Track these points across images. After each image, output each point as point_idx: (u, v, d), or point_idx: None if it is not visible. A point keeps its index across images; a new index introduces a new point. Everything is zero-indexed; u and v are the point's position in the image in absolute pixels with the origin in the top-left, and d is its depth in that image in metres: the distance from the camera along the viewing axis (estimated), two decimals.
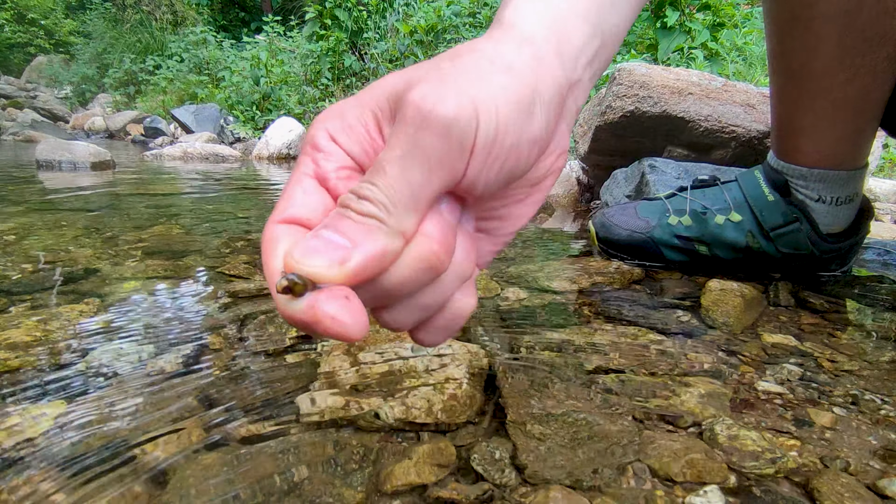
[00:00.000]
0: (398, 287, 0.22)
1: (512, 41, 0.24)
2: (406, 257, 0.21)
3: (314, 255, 0.20)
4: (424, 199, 0.21)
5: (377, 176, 0.21)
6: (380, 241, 0.20)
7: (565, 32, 0.26)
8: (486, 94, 0.21)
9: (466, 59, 0.23)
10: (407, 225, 0.21)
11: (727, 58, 2.87)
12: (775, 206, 0.69)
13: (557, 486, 0.31)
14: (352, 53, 4.45)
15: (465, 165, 0.21)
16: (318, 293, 0.19)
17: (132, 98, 7.24)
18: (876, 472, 0.33)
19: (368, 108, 0.23)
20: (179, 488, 0.30)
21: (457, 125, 0.20)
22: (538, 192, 0.27)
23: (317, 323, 0.19)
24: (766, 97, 1.13)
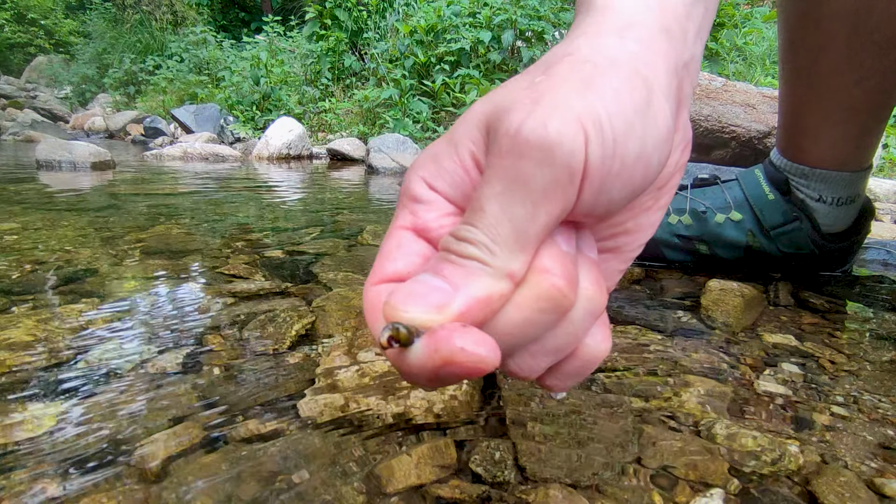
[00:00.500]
0: (520, 331, 0.19)
1: (611, 29, 0.21)
2: (523, 298, 0.19)
3: (413, 300, 0.18)
4: (532, 235, 0.19)
5: (476, 216, 0.19)
6: (484, 284, 0.18)
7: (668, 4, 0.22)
8: (591, 104, 0.18)
9: (562, 67, 0.20)
10: (514, 265, 0.19)
11: (727, 58, 2.87)
12: (776, 204, 0.69)
13: (557, 485, 0.31)
14: (352, 53, 4.46)
15: (577, 192, 0.18)
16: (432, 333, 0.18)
17: (132, 98, 7.24)
18: (876, 472, 0.33)
19: (462, 145, 0.21)
20: (178, 488, 0.30)
21: (560, 150, 0.18)
22: (665, 194, 0.24)
23: (448, 363, 0.17)
24: (765, 97, 1.13)
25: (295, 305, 0.58)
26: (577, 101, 0.18)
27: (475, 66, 3.35)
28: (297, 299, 0.61)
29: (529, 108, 0.18)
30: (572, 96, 0.18)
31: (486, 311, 0.19)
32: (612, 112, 0.18)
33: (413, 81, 3.47)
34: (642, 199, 0.23)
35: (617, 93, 0.19)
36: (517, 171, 0.18)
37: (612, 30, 0.21)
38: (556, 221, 0.19)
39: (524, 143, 0.18)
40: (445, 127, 3.12)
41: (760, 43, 3.10)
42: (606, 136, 0.18)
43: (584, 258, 0.21)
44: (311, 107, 4.08)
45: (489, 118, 0.20)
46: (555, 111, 0.18)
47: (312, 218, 1.16)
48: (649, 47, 0.21)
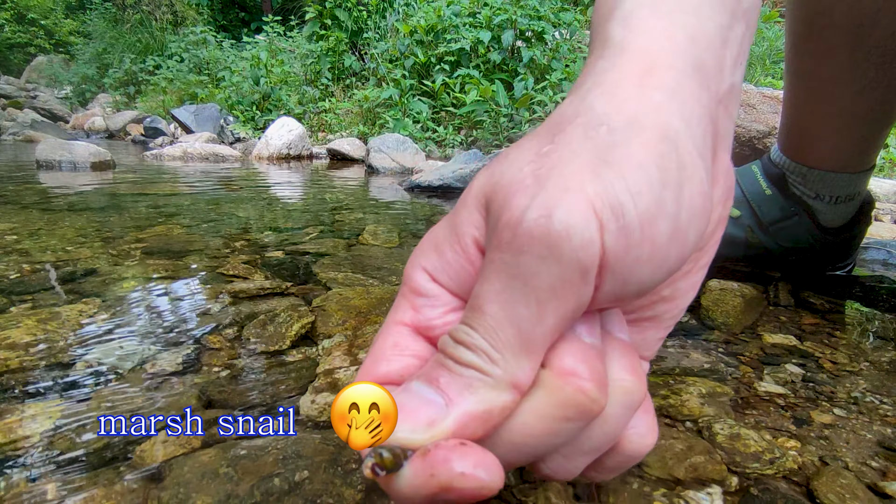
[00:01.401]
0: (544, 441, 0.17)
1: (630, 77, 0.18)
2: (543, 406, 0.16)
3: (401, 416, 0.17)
4: (539, 339, 0.16)
5: (475, 316, 0.17)
6: (482, 397, 0.16)
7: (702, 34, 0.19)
8: (609, 185, 0.16)
9: (573, 134, 0.17)
10: (519, 374, 0.16)
11: None
12: (773, 200, 0.69)
13: (557, 485, 0.31)
14: (352, 53, 4.46)
15: (592, 288, 0.16)
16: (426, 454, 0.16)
17: (132, 98, 7.24)
18: (876, 472, 0.33)
19: (464, 231, 0.19)
20: (178, 487, 0.30)
21: (569, 244, 0.15)
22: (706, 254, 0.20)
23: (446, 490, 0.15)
24: (765, 97, 1.13)
25: (295, 305, 0.58)
26: (590, 182, 0.16)
27: (475, 66, 3.35)
28: (297, 299, 0.61)
29: (533, 191, 0.16)
30: (585, 175, 0.16)
31: (485, 427, 0.16)
32: (634, 192, 0.16)
33: (413, 81, 3.47)
34: None
35: (641, 167, 0.16)
36: (519, 268, 0.16)
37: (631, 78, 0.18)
38: (570, 321, 0.17)
39: (526, 235, 0.15)
40: (445, 127, 3.12)
41: (760, 43, 3.10)
42: (630, 222, 0.15)
43: (615, 342, 0.19)
44: (311, 107, 4.08)
45: (489, 199, 0.18)
46: (563, 196, 0.15)
47: (312, 218, 1.16)
48: (677, 95, 0.18)
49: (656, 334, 0.21)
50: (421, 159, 2.51)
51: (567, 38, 3.32)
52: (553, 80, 2.82)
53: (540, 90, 2.86)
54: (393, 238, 0.94)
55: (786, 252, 0.71)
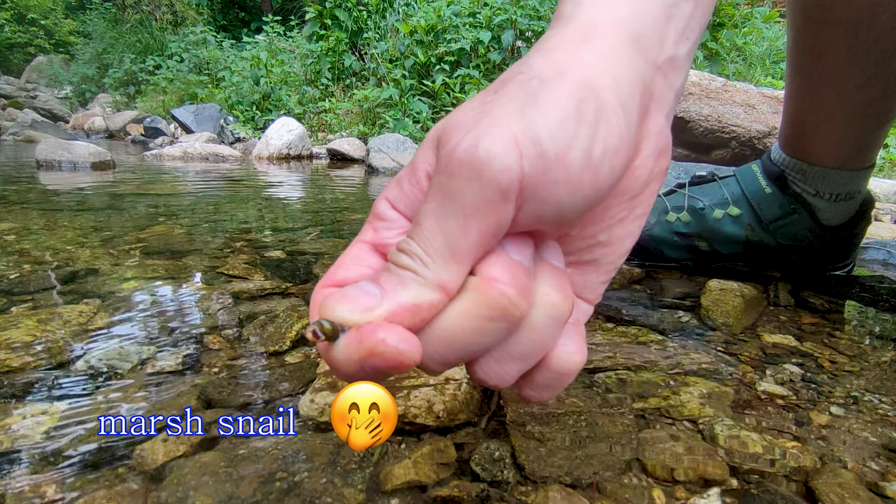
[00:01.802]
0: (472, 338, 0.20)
1: (567, 43, 0.21)
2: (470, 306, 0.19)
3: (344, 301, 0.19)
4: (464, 248, 0.19)
5: (415, 230, 0.20)
6: (412, 293, 0.19)
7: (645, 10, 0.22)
8: (530, 121, 0.19)
9: (511, 86, 0.20)
10: (445, 277, 0.19)
11: (727, 58, 2.87)
12: (773, 198, 0.69)
13: (557, 485, 0.31)
14: (352, 53, 4.46)
15: (513, 207, 0.19)
16: (359, 328, 0.19)
17: (132, 98, 7.24)
18: (876, 472, 0.33)
19: (419, 166, 0.22)
20: (178, 488, 0.30)
21: (490, 167, 0.18)
22: (641, 204, 0.23)
23: (371, 355, 0.18)
24: (766, 97, 1.13)
25: (295, 305, 0.58)
26: (515, 120, 0.19)
27: (475, 66, 3.35)
28: (297, 299, 0.61)
29: (468, 128, 0.19)
30: (511, 115, 0.19)
31: (414, 319, 0.19)
32: (552, 125, 0.18)
33: (413, 81, 3.47)
34: (612, 211, 0.22)
35: (560, 106, 0.19)
36: (450, 189, 0.19)
37: (569, 42, 0.21)
38: (493, 235, 0.19)
39: (457, 162, 0.18)
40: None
41: (760, 43, 3.10)
42: (546, 150, 0.18)
43: (547, 266, 0.21)
44: (311, 107, 4.08)
45: (439, 139, 0.21)
46: (490, 131, 0.18)
47: (312, 218, 1.16)
48: (608, 57, 0.21)
49: (598, 278, 0.24)
50: None
51: None
52: None
53: None
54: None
55: (786, 251, 0.71)
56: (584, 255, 0.23)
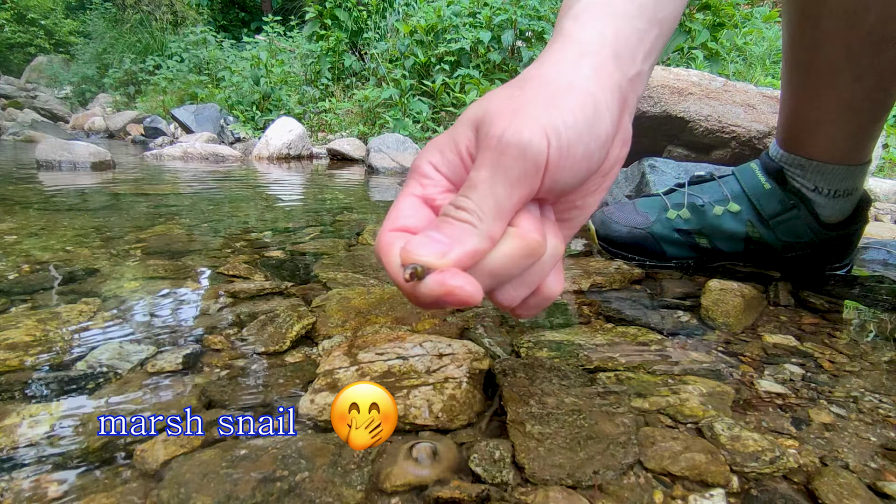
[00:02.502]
0: (508, 272, 0.27)
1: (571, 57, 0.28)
2: (512, 249, 0.26)
3: (423, 247, 0.25)
4: (508, 209, 0.26)
5: (470, 191, 0.26)
6: (472, 241, 0.25)
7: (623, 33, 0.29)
8: (553, 118, 0.25)
9: (533, 86, 0.27)
10: (495, 229, 0.26)
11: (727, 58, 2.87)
12: (772, 193, 0.69)
13: (557, 486, 0.31)
14: (352, 53, 4.45)
15: (540, 180, 0.26)
16: (440, 272, 0.24)
17: (132, 98, 7.23)
18: (876, 472, 0.33)
19: (460, 140, 0.28)
20: (178, 487, 0.30)
21: (530, 150, 0.25)
22: (608, 180, 0.31)
23: (448, 293, 0.24)
24: (766, 97, 1.13)
25: (295, 305, 0.58)
26: (543, 116, 0.25)
27: (475, 66, 3.35)
28: (297, 299, 0.61)
29: (510, 119, 0.25)
30: (541, 111, 0.26)
31: (472, 261, 0.25)
32: (567, 123, 0.26)
33: (413, 81, 3.47)
34: (589, 185, 0.30)
35: (572, 110, 0.26)
36: (500, 163, 0.25)
37: (572, 57, 0.28)
38: (527, 199, 0.26)
39: (506, 144, 0.25)
40: (445, 127, 3.12)
41: (760, 43, 3.10)
42: (562, 142, 0.25)
43: (549, 222, 0.29)
44: (311, 107, 4.08)
45: (479, 122, 0.27)
46: (527, 123, 0.25)
47: (312, 218, 1.16)
48: (599, 71, 0.28)
49: (569, 232, 0.32)
50: None
51: None
52: None
53: None
54: None
55: (786, 247, 0.71)
56: (564, 214, 0.31)
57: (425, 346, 0.48)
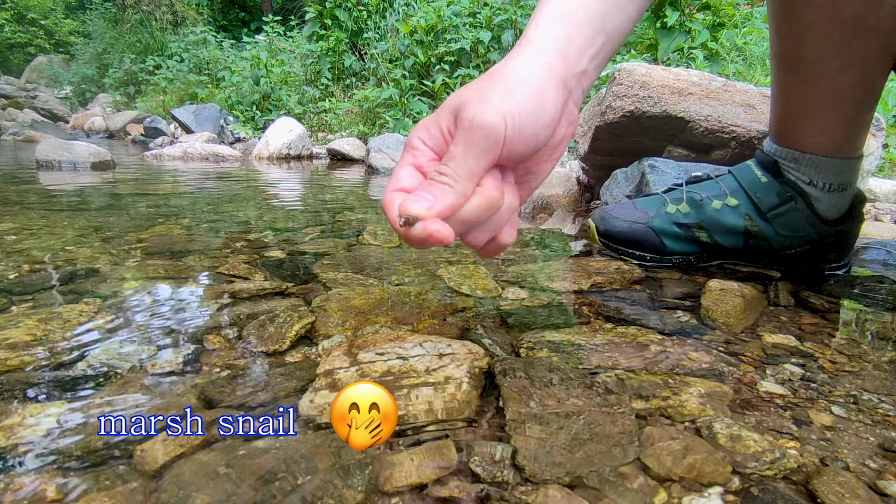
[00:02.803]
0: (476, 219, 0.37)
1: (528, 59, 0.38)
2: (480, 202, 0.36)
3: (415, 203, 0.35)
4: (477, 173, 0.36)
5: (449, 161, 0.36)
6: (450, 198, 0.35)
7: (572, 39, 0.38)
8: (510, 106, 0.35)
9: (497, 80, 0.37)
10: (467, 189, 0.36)
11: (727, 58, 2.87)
12: (769, 186, 0.70)
13: (557, 486, 0.31)
14: (352, 53, 4.45)
15: (500, 152, 0.36)
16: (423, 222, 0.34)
17: (132, 98, 7.23)
18: (876, 473, 0.33)
19: (442, 121, 0.38)
20: (178, 488, 0.30)
21: (492, 130, 0.35)
22: (557, 152, 0.41)
23: (430, 236, 0.34)
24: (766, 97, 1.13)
25: (295, 305, 0.58)
26: (502, 104, 0.35)
27: (475, 66, 3.35)
28: (297, 299, 0.61)
29: (478, 105, 0.35)
30: (500, 101, 0.35)
31: (450, 213, 0.35)
32: (520, 110, 0.36)
33: (413, 81, 3.47)
34: (540, 155, 0.40)
35: (524, 100, 0.36)
36: (470, 139, 0.35)
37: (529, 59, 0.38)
38: (490, 165, 0.37)
39: (475, 125, 0.35)
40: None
41: (760, 43, 3.10)
42: (516, 124, 0.36)
43: (508, 184, 0.39)
44: (311, 107, 4.08)
45: (456, 107, 0.37)
46: (491, 110, 0.35)
47: (312, 218, 1.16)
48: (549, 69, 0.37)
49: (526, 193, 0.43)
50: None
51: None
52: None
53: None
54: (393, 238, 0.94)
55: (785, 243, 0.71)
56: (521, 178, 0.41)
57: (425, 346, 0.48)
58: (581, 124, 1.29)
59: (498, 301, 0.62)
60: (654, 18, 2.73)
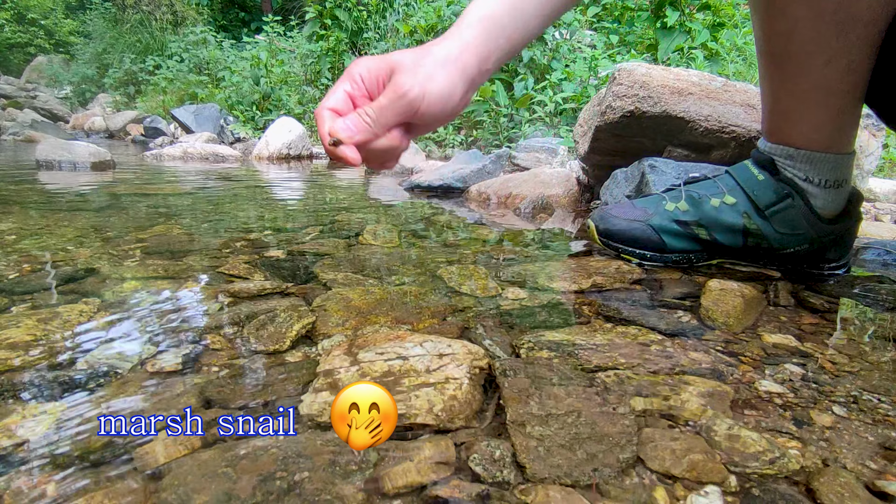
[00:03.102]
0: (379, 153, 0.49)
1: (455, 48, 0.48)
2: (383, 143, 0.48)
3: (342, 131, 0.46)
4: (390, 125, 0.47)
5: (375, 107, 0.47)
6: (367, 135, 0.47)
7: (487, 45, 0.49)
8: (429, 86, 0.46)
9: (427, 61, 0.47)
10: (379, 132, 0.47)
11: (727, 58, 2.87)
12: (766, 183, 0.71)
13: (557, 485, 0.31)
14: (352, 53, 4.45)
15: (411, 117, 0.47)
16: (343, 146, 0.46)
17: (132, 98, 7.23)
18: (876, 472, 0.33)
19: (379, 71, 0.48)
20: (178, 487, 0.30)
21: (412, 104, 0.46)
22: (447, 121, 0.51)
23: (344, 156, 0.46)
24: None
25: (295, 305, 0.58)
26: (425, 83, 0.46)
27: None
28: (297, 299, 0.61)
29: (408, 76, 0.46)
30: (423, 79, 0.46)
31: (364, 144, 0.47)
32: (435, 92, 0.46)
33: None
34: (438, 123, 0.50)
35: (440, 85, 0.46)
36: (394, 101, 0.46)
37: (456, 48, 0.48)
38: (401, 123, 0.48)
39: (401, 93, 0.46)
40: (445, 127, 3.12)
41: None
42: (429, 102, 0.46)
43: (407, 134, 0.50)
44: (311, 107, 4.08)
45: (394, 68, 0.47)
46: (416, 84, 0.46)
47: (312, 218, 1.16)
48: (464, 71, 0.48)
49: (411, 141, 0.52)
50: (421, 159, 2.51)
51: (567, 39, 3.32)
52: (553, 80, 2.82)
53: (540, 90, 2.86)
54: (393, 238, 0.94)
55: (784, 241, 0.72)
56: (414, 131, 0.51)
57: (425, 346, 0.48)
58: (581, 124, 1.29)
59: (498, 301, 0.62)
60: (653, 18, 2.73)
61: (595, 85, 2.66)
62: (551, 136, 2.46)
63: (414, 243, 0.92)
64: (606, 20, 3.71)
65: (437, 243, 0.92)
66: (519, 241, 0.98)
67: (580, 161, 1.40)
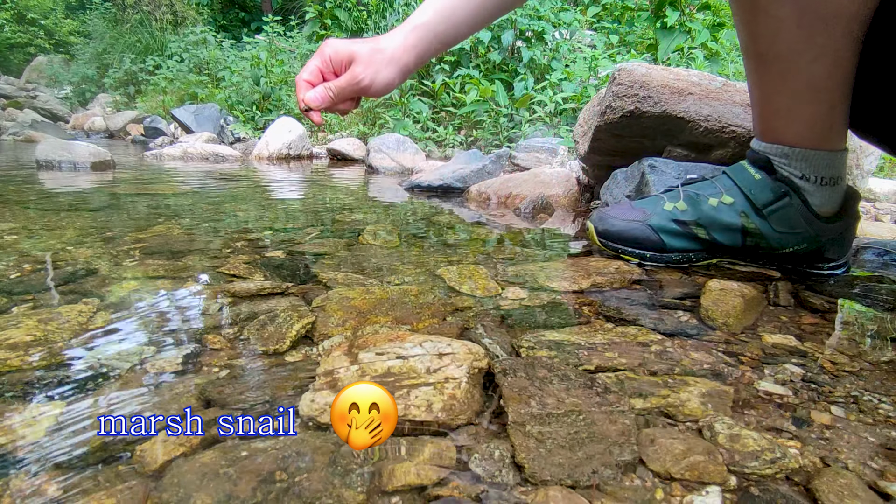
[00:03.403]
0: (339, 111, 0.78)
1: (399, 49, 0.73)
2: (341, 108, 0.77)
3: (312, 100, 0.75)
4: (346, 97, 0.75)
5: (337, 84, 0.74)
6: (329, 102, 0.75)
7: (426, 43, 0.74)
8: (378, 77, 0.73)
9: (378, 56, 0.72)
10: (337, 101, 0.75)
11: (727, 58, 2.87)
12: (763, 183, 0.71)
13: (557, 485, 0.31)
14: None
15: (363, 94, 0.76)
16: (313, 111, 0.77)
17: (132, 98, 7.23)
18: (876, 472, 0.33)
19: (343, 56, 0.73)
20: (178, 487, 0.30)
21: (363, 89, 0.74)
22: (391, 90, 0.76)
23: (311, 116, 0.77)
24: None
25: (295, 305, 0.58)
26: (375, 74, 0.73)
27: (475, 65, 3.35)
28: (297, 299, 0.61)
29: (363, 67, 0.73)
30: (373, 71, 0.73)
31: (328, 105, 0.76)
32: (381, 82, 0.74)
33: (413, 81, 3.47)
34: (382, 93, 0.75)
35: (386, 77, 0.74)
36: (351, 84, 0.74)
37: (401, 47, 0.73)
38: (353, 97, 0.77)
39: (357, 79, 0.73)
40: (445, 127, 3.12)
41: None
42: (374, 89, 0.74)
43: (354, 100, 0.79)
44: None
45: (352, 57, 0.73)
46: (368, 73, 0.73)
47: (312, 218, 1.16)
48: (403, 71, 0.75)
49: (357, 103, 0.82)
50: (421, 159, 2.51)
51: (567, 38, 3.32)
52: (553, 80, 2.82)
53: (540, 90, 2.86)
54: (393, 238, 0.94)
55: (782, 240, 0.72)
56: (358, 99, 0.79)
57: (425, 345, 0.48)
58: (581, 124, 1.29)
59: (498, 301, 0.62)
60: (653, 18, 2.73)
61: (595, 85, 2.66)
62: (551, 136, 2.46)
63: (414, 243, 0.92)
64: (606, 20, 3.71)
65: (437, 243, 0.92)
66: (519, 240, 0.98)
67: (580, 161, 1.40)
